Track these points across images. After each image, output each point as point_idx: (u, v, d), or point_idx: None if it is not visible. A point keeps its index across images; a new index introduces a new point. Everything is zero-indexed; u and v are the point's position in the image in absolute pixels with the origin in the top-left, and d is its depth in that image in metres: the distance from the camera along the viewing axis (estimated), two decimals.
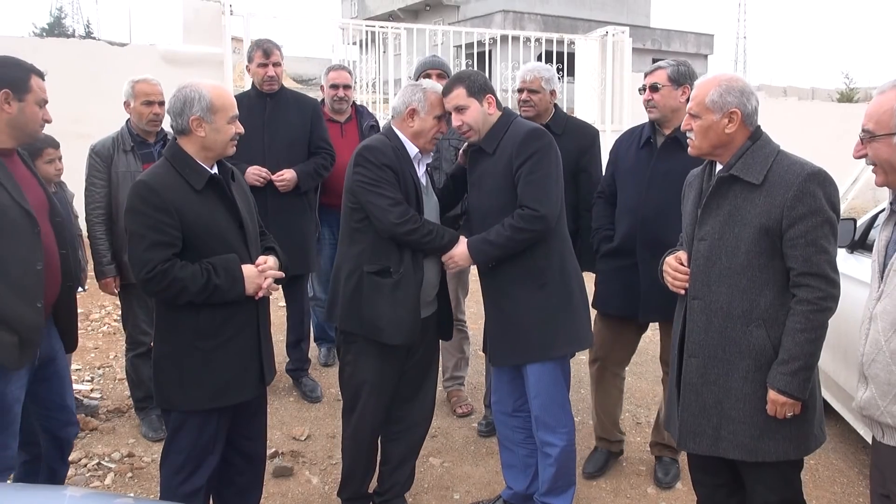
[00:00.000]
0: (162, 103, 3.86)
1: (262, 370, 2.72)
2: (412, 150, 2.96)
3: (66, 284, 2.77)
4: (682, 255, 2.50)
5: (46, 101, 2.67)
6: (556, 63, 9.88)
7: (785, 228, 2.23)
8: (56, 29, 38.16)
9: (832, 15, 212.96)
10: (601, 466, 3.68)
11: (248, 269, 2.59)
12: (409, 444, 3.20)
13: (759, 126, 2.38)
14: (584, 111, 9.92)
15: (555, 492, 3.07)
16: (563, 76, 9.98)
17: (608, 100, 10.03)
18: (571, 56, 10.17)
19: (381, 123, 4.77)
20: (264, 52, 4.24)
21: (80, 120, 6.63)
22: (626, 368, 3.76)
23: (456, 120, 2.93)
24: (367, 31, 9.62)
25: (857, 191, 11.96)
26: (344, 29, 10.41)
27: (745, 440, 2.33)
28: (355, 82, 7.28)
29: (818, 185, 2.22)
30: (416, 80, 4.07)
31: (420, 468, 3.58)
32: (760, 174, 2.29)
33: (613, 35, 9.99)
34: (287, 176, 4.15)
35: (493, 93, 2.98)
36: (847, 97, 21.30)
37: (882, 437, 2.01)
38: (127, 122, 3.95)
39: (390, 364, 2.98)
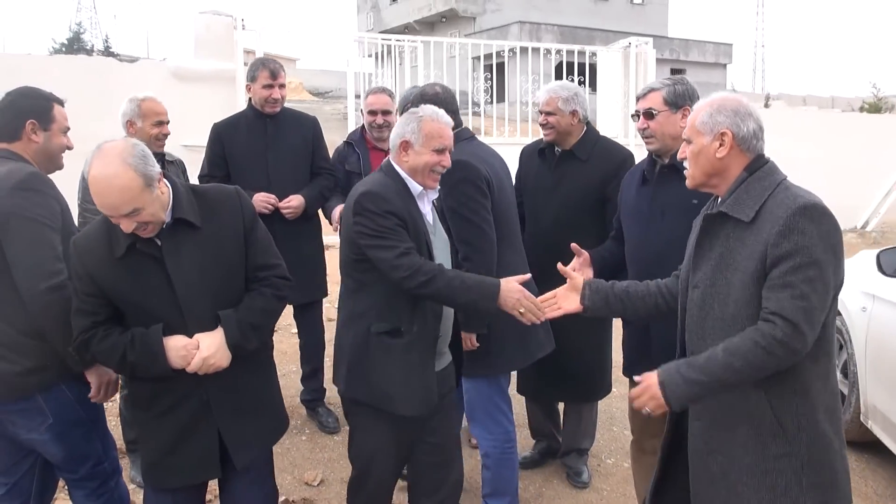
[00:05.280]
0: (169, 122, 3.73)
1: (224, 450, 2.33)
2: (415, 188, 2.58)
3: None
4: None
5: (68, 129, 2.66)
6: (578, 76, 9.64)
7: (768, 269, 1.90)
8: (75, 44, 38.38)
9: (852, 23, 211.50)
10: None
11: (174, 341, 2.20)
12: None
13: (761, 154, 2.06)
14: (607, 125, 9.64)
15: (495, 496, 3.11)
16: (584, 89, 9.71)
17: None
18: (592, 67, 9.91)
19: None
20: (271, 72, 3.98)
21: (87, 139, 6.31)
22: None
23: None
24: (382, 45, 9.43)
25: (890, 205, 11.59)
26: (360, 42, 10.23)
27: None
28: None
29: (809, 220, 1.88)
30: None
31: None
32: (752, 210, 1.97)
33: (636, 46, 9.72)
34: (294, 203, 3.94)
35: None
36: (875, 108, 20.74)
37: None
38: None
39: (405, 430, 2.59)
